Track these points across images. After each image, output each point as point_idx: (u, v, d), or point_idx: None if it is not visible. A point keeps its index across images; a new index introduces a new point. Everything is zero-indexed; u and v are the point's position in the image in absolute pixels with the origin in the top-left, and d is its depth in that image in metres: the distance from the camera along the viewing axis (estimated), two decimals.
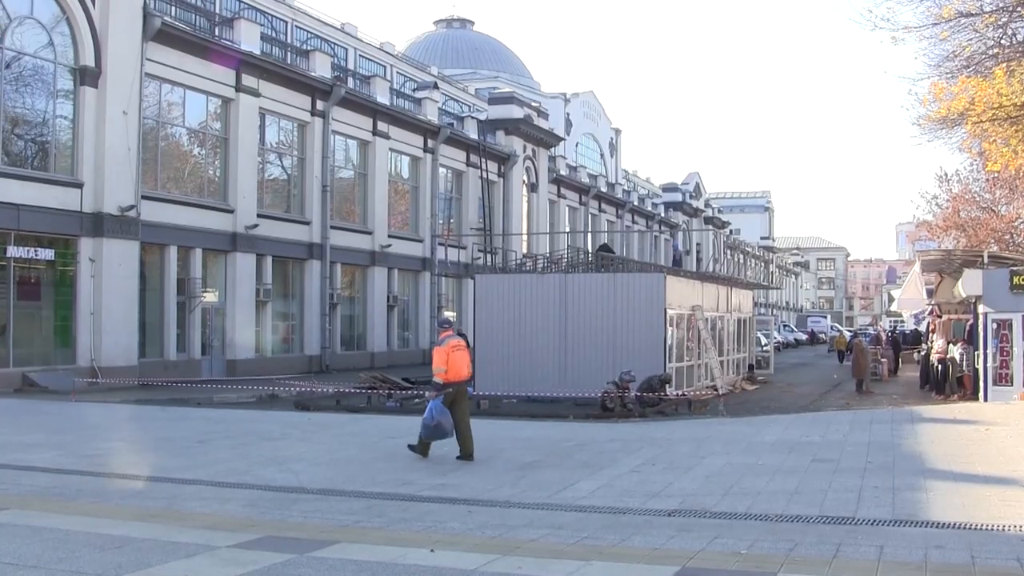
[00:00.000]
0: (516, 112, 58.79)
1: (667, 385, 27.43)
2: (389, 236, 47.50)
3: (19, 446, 17.36)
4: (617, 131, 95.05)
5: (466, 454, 16.28)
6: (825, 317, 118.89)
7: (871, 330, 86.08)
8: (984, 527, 10.66)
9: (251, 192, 38.82)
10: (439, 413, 16.13)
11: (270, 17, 51.70)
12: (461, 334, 19.07)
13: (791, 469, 14.98)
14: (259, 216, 39.02)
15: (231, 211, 37.98)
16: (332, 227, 43.19)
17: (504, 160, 58.10)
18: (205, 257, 37.07)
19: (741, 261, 47.35)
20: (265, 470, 15.01)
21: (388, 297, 47.57)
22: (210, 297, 37.57)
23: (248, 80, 38.51)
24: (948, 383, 30.74)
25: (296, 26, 54.05)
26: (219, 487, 13.50)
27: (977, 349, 28.59)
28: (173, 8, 37.13)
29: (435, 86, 56.12)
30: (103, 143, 31.94)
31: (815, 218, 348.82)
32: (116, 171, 32.24)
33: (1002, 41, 24.10)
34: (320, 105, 42.72)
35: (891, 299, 56.93)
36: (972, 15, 22.60)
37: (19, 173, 30.31)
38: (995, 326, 27.15)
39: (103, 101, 31.99)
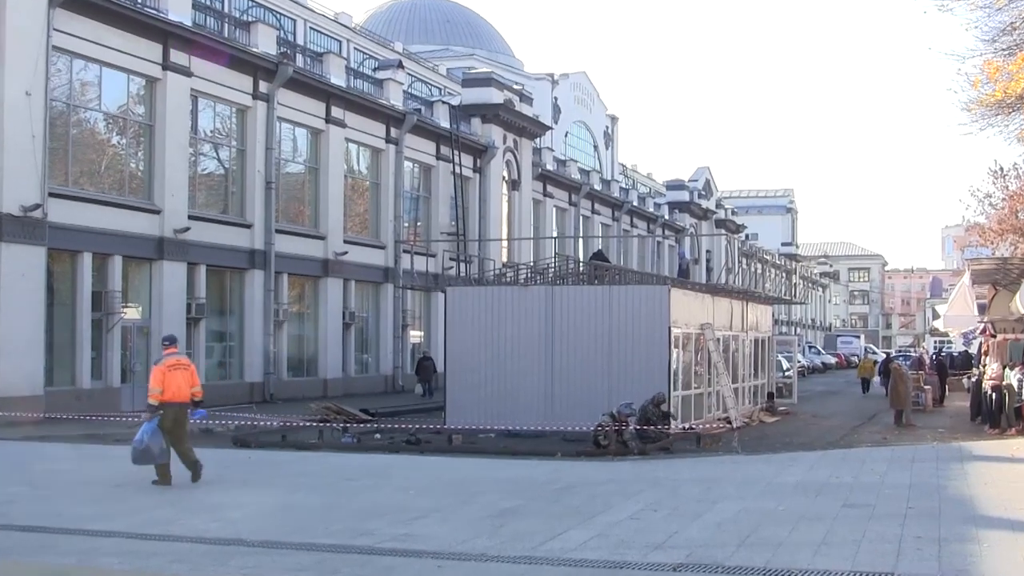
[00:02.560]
0: (495, 96, 58.84)
1: (662, 407, 27.42)
2: (345, 242, 47.41)
3: None
4: (613, 119, 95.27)
5: (195, 475, 18.10)
6: (858, 337, 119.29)
7: (912, 352, 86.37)
8: None
9: (181, 189, 38.68)
10: (150, 436, 17.80)
11: None
12: (427, 357, 19.67)
13: (818, 516, 15.01)
14: (191, 218, 38.86)
15: (157, 212, 37.83)
16: (278, 231, 43.08)
17: (480, 152, 58.14)
18: (126, 266, 36.90)
19: (759, 271, 47.30)
20: (196, 519, 14.93)
21: (344, 314, 47.47)
22: (132, 313, 37.40)
23: (177, 56, 38.38)
24: (1004, 415, 30.79)
25: None
26: (141, 539, 13.41)
27: None
28: None
29: (400, 65, 56.15)
30: (1, 131, 31.76)
31: (846, 221, 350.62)
32: (17, 164, 32.04)
33: None
34: (263, 87, 42.65)
35: (936, 316, 56.96)
36: None
37: None
38: None
39: (1, 80, 31.82)
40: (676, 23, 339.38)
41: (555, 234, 67.40)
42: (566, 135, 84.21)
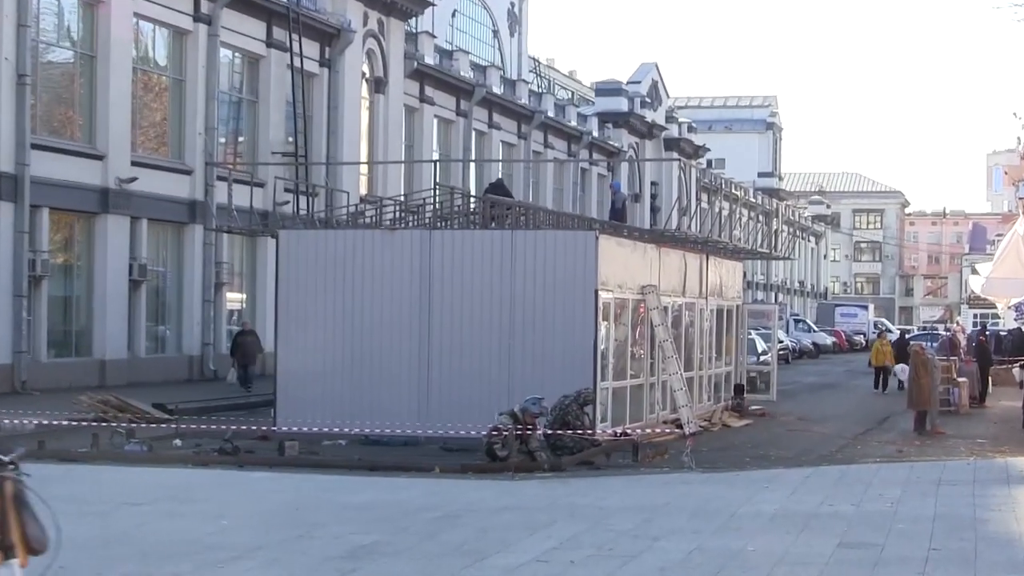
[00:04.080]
0: None
1: (587, 408, 27.57)
2: (134, 164, 46.89)
3: None
4: None
5: None
6: (865, 308, 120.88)
7: (942, 330, 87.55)
8: None
9: None
10: None
11: None
12: (247, 330, 19.72)
13: (803, 559, 15.22)
14: None
15: None
16: (35, 146, 42.48)
17: (331, 38, 57.77)
18: None
19: (726, 213, 47.79)
20: None
21: (132, 267, 46.98)
22: None
23: None
24: None
25: None
26: None
27: None
28: None
29: None
30: None
31: (850, 144, 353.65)
32: None
33: None
34: None
35: (977, 278, 57.59)
36: None
37: None
38: None
39: None
40: None
41: (436, 156, 67.38)
42: (454, 15, 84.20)
